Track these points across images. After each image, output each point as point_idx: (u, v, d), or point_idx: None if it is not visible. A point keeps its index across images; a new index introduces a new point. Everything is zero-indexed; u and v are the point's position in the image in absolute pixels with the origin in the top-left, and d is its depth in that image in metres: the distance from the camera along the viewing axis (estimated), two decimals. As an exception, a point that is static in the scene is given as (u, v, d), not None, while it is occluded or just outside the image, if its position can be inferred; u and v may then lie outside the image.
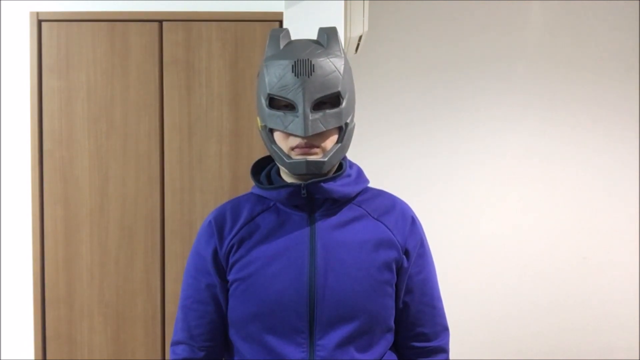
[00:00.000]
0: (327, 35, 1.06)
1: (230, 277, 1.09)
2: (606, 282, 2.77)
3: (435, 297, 1.17)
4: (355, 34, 1.93)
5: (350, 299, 1.04)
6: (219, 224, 1.11)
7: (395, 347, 1.17)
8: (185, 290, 1.15)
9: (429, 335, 1.16)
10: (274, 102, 1.05)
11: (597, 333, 2.78)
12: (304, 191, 1.04)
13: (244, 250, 1.07)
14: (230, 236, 1.09)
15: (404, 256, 1.10)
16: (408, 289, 1.12)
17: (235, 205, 1.13)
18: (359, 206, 1.11)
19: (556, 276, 2.77)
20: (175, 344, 1.15)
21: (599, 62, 2.75)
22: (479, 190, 2.75)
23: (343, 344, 1.04)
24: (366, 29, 1.97)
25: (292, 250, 1.05)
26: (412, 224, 1.13)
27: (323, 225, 1.07)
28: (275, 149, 1.05)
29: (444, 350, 1.18)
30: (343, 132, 1.06)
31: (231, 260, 1.08)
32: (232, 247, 1.08)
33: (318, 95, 1.01)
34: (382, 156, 2.72)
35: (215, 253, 1.10)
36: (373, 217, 1.11)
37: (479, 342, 2.77)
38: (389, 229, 1.10)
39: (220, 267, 1.10)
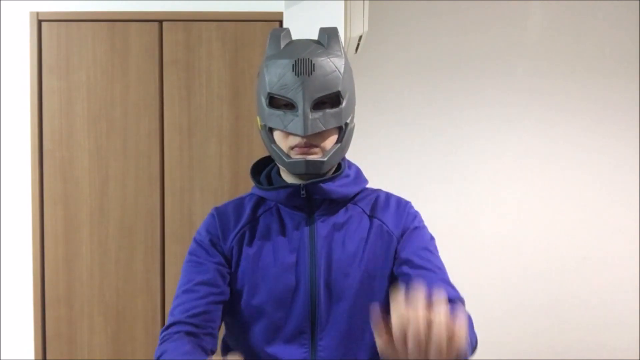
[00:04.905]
0: (328, 36, 1.06)
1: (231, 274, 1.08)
2: (606, 281, 2.77)
3: (434, 256, 1.06)
4: (355, 34, 1.93)
5: (351, 299, 1.04)
6: (222, 220, 1.10)
7: None
8: (187, 275, 1.04)
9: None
10: (274, 101, 1.04)
11: (597, 333, 2.78)
12: (303, 191, 1.04)
13: (244, 251, 1.07)
14: (232, 234, 1.08)
15: (400, 239, 1.07)
16: (401, 258, 1.05)
17: (237, 205, 1.13)
18: (357, 206, 1.11)
19: (556, 276, 2.76)
20: (169, 326, 0.99)
21: (599, 62, 2.75)
22: (478, 189, 2.75)
23: (345, 344, 1.04)
24: (366, 29, 1.97)
25: (292, 251, 1.05)
26: (407, 213, 1.11)
27: (322, 226, 1.07)
28: (275, 149, 1.04)
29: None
30: (343, 132, 1.05)
31: (233, 260, 1.08)
32: (232, 248, 1.08)
33: (318, 95, 1.00)
34: (382, 156, 2.72)
35: (220, 243, 1.07)
36: (371, 216, 1.10)
37: (479, 341, 2.77)
38: (387, 225, 1.10)
39: (225, 257, 1.06)
